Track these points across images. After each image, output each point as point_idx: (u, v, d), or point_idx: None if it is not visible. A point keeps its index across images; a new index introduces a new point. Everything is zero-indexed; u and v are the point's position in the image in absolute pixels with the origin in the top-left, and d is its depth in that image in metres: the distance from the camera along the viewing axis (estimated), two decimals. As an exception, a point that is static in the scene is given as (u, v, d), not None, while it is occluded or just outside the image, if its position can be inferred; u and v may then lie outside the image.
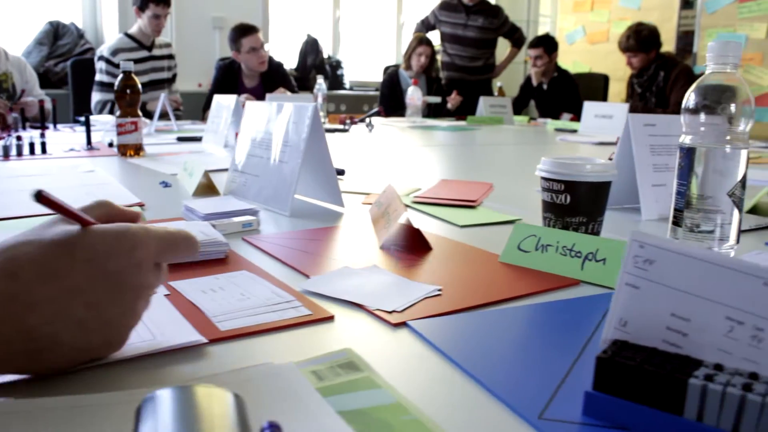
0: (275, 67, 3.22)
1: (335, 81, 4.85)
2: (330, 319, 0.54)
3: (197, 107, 3.48)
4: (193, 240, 0.44)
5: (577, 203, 0.70)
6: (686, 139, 0.68)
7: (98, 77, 2.90)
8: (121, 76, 1.64)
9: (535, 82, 3.91)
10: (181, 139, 2.07)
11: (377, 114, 2.71)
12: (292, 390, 0.38)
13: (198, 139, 2.05)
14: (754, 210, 1.04)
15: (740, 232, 0.68)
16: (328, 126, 2.60)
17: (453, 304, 0.56)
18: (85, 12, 4.11)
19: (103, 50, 2.93)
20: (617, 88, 4.40)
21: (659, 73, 3.27)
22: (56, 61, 3.81)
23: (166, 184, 1.21)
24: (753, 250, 0.81)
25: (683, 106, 0.68)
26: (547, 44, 3.79)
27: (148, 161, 1.57)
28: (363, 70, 5.07)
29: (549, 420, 0.37)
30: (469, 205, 1.00)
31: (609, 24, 4.71)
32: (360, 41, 5.15)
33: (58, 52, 3.85)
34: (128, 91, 1.64)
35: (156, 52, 3.07)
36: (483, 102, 3.31)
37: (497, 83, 3.91)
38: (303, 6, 4.87)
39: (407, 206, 1.00)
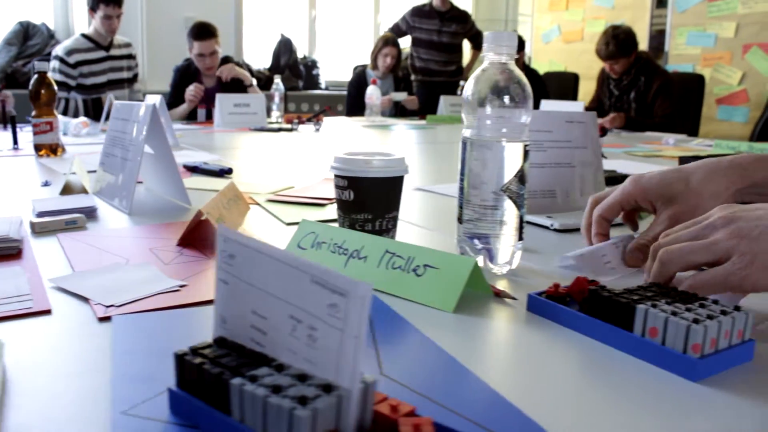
0: (233, 68, 3.22)
1: (310, 81, 4.85)
2: (47, 312, 0.54)
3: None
4: None
5: (361, 199, 0.69)
6: (466, 132, 0.67)
7: (50, 76, 2.91)
8: (35, 76, 1.64)
9: (502, 81, 3.89)
10: (114, 139, 2.07)
11: (323, 112, 2.70)
12: None
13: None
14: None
15: (523, 228, 0.67)
16: (271, 126, 2.59)
17: (177, 300, 0.56)
18: (57, 12, 4.13)
19: (58, 50, 2.95)
20: (589, 86, 4.36)
21: (640, 78, 3.18)
22: (25, 61, 3.84)
23: (46, 184, 1.21)
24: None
25: (463, 97, 0.67)
26: (514, 43, 3.76)
27: (58, 161, 1.57)
28: (339, 70, 5.07)
29: (129, 415, 0.37)
30: (319, 204, 1.00)
31: (583, 23, 4.68)
32: (336, 41, 5.15)
33: (28, 52, 3.87)
34: (43, 91, 1.64)
35: (114, 52, 3.07)
36: (444, 101, 3.31)
37: (461, 83, 3.90)
38: (278, 6, 4.87)
39: (257, 204, 1.00)
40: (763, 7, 3.66)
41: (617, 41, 3.07)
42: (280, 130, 2.48)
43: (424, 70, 4.09)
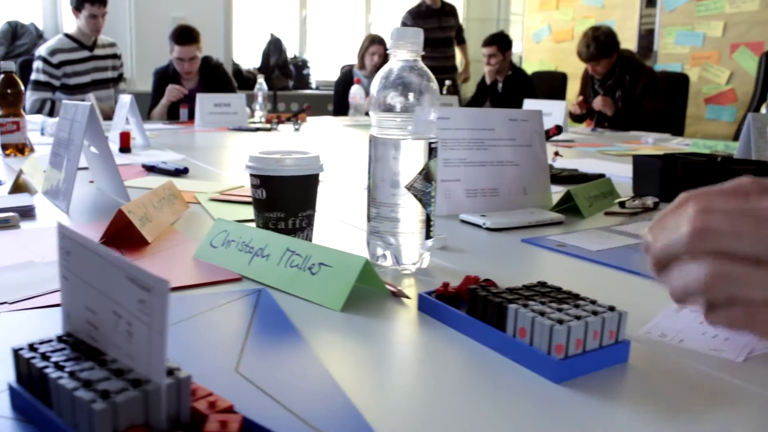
0: (214, 68, 3.23)
1: (301, 80, 4.86)
2: (-65, 311, 0.55)
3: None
4: None
5: (273, 198, 0.70)
6: (372, 130, 0.68)
7: (34, 76, 2.93)
8: (1, 76, 1.66)
9: (488, 81, 3.90)
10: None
11: (302, 111, 2.71)
12: None
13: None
14: (576, 208, 1.01)
15: (431, 227, 0.68)
16: (250, 126, 2.60)
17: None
18: (46, 12, 4.15)
19: (41, 50, 2.96)
20: (578, 86, 4.36)
21: (625, 77, 3.17)
22: (13, 61, 3.85)
23: None
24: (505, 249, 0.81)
25: (370, 95, 0.68)
26: (501, 42, 3.76)
27: (20, 160, 1.58)
28: (330, 69, 5.07)
29: (-34, 411, 0.37)
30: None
31: (573, 22, 4.68)
32: (327, 41, 5.15)
33: (16, 52, 3.89)
34: (9, 90, 1.65)
35: (98, 51, 3.09)
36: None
37: (446, 82, 3.91)
38: (268, 5, 4.88)
39: (198, 203, 1.01)
40: (750, 6, 3.65)
41: (597, 43, 3.06)
42: (258, 129, 2.49)
43: (431, 68, 4.14)
